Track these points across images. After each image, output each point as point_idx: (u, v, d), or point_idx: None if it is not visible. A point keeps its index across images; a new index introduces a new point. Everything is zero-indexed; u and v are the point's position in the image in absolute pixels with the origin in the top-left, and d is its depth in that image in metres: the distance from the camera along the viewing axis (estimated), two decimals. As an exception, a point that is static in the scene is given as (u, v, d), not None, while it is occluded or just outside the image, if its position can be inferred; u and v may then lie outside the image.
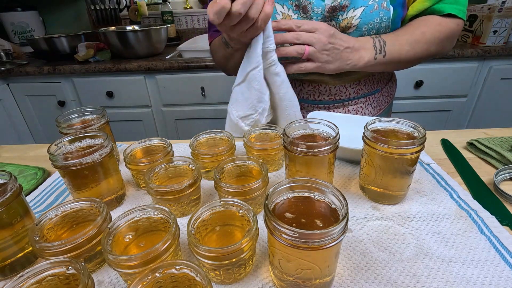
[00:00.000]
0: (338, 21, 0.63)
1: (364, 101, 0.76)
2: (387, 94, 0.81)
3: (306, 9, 0.63)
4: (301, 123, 0.51)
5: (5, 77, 1.57)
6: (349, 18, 0.62)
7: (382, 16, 0.62)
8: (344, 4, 0.61)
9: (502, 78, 1.49)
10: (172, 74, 1.51)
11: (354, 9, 0.62)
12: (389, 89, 0.82)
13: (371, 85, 0.76)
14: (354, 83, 0.73)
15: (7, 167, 0.63)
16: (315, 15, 0.63)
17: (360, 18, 0.62)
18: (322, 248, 0.28)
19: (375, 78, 0.76)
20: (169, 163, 0.51)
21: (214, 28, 0.76)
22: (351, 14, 0.62)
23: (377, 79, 0.77)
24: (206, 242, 0.37)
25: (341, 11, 0.62)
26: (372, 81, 0.76)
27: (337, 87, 0.73)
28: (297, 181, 0.35)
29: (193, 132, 0.61)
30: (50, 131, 1.74)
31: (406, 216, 0.46)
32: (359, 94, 0.75)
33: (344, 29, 0.64)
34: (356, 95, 0.75)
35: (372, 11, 0.61)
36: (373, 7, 0.61)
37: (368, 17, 0.62)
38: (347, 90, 0.73)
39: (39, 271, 0.30)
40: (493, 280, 0.35)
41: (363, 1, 0.61)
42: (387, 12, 0.62)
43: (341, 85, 0.72)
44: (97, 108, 0.61)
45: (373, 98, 0.78)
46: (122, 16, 2.01)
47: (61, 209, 0.40)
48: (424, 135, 0.43)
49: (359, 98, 0.75)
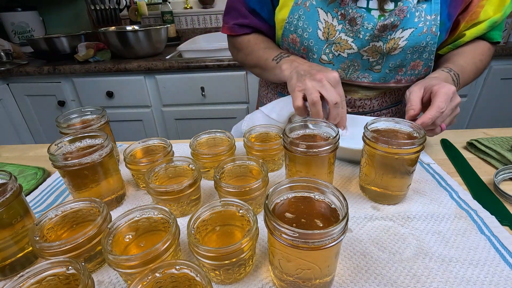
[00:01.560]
0: (385, 41, 0.61)
1: (386, 113, 0.75)
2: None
3: (354, 22, 0.59)
4: (301, 123, 0.51)
5: (5, 77, 1.56)
6: (396, 39, 0.60)
7: (428, 40, 0.60)
8: (396, 23, 0.58)
9: (502, 78, 1.49)
10: (172, 74, 1.51)
11: (403, 30, 0.59)
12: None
13: (396, 97, 0.75)
14: (380, 95, 0.71)
15: (7, 167, 0.63)
16: (364, 30, 0.59)
17: (407, 40, 0.60)
18: (322, 248, 0.28)
19: (401, 90, 0.75)
20: (169, 163, 0.51)
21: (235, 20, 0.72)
22: (398, 35, 0.60)
23: (403, 91, 0.75)
24: (206, 242, 0.37)
25: (391, 31, 0.59)
26: (397, 93, 0.74)
27: (363, 100, 0.71)
28: (297, 181, 0.35)
29: (193, 132, 0.61)
30: (50, 131, 1.74)
31: (406, 216, 0.46)
32: (383, 106, 0.73)
33: (389, 50, 0.62)
34: (380, 107, 0.73)
35: (420, 34, 0.60)
36: (422, 30, 0.59)
37: (415, 40, 0.60)
38: (372, 102, 0.72)
39: (39, 271, 0.30)
40: (493, 280, 0.35)
41: (413, 23, 0.59)
42: (434, 37, 0.60)
43: (367, 98, 0.71)
44: (97, 108, 0.61)
45: (395, 109, 0.76)
46: (122, 16, 2.01)
47: (61, 209, 0.40)
48: (424, 135, 0.43)
49: (382, 110, 0.74)
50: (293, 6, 0.63)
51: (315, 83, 0.54)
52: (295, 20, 0.64)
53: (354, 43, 0.62)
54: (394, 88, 0.70)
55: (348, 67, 0.66)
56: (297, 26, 0.64)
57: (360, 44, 0.61)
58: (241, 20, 0.71)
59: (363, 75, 0.67)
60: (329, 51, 0.64)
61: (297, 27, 0.64)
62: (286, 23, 0.65)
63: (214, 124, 1.63)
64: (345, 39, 0.62)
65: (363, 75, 0.67)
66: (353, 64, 0.65)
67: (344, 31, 0.61)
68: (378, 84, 0.68)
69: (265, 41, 0.72)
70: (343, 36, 0.62)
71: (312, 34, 0.63)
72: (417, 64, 0.65)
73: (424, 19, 0.59)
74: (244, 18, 0.71)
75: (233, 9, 0.72)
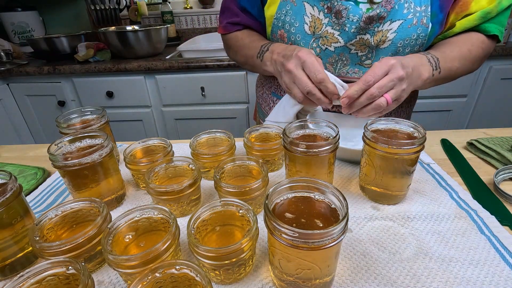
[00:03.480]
0: (372, 33, 0.59)
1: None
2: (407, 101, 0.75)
3: (340, 15, 0.58)
4: (301, 123, 0.51)
5: (5, 77, 1.56)
6: (384, 31, 0.58)
7: (419, 33, 0.59)
8: (382, 15, 0.57)
9: (502, 78, 1.49)
10: (172, 74, 1.51)
11: (391, 22, 0.58)
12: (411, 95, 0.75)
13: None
14: None
15: (7, 167, 0.63)
16: (349, 23, 0.58)
17: (397, 33, 0.58)
18: (322, 248, 0.28)
19: None
20: (169, 163, 0.51)
21: (228, 19, 0.74)
22: (387, 27, 0.58)
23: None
24: (206, 242, 0.37)
25: (378, 23, 0.58)
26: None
27: None
28: (297, 181, 0.35)
29: (193, 132, 0.61)
30: (50, 131, 1.74)
31: (406, 216, 0.46)
32: None
33: (378, 43, 0.60)
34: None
35: (410, 26, 0.58)
36: (412, 21, 0.58)
37: (405, 32, 0.58)
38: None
39: (39, 271, 0.30)
40: (493, 280, 0.35)
41: (402, 15, 0.57)
42: (425, 29, 0.59)
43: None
44: (97, 108, 0.61)
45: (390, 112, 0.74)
46: (122, 16, 2.01)
47: (61, 209, 0.40)
48: (424, 135, 0.43)
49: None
50: (281, 2, 0.64)
51: (288, 78, 0.55)
52: (282, 16, 0.64)
53: (341, 36, 0.61)
54: None
55: (336, 62, 0.65)
56: (285, 22, 0.64)
57: (346, 37, 0.60)
58: (233, 18, 0.73)
59: (353, 71, 0.65)
60: (316, 45, 0.64)
61: (285, 22, 0.64)
62: (274, 19, 0.66)
63: (214, 124, 1.63)
64: (332, 33, 0.61)
65: (353, 70, 0.65)
66: (341, 58, 0.64)
67: (331, 24, 0.60)
68: None
69: (250, 35, 0.73)
70: (329, 29, 0.61)
71: (299, 29, 0.63)
72: None
73: (414, 11, 0.57)
74: (236, 16, 0.73)
75: (226, 9, 0.75)
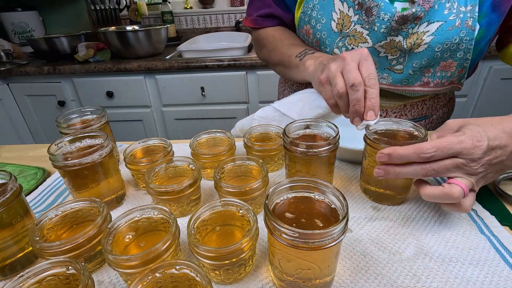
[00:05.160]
0: (405, 35, 0.52)
1: None
2: (437, 122, 0.67)
3: (370, 12, 0.53)
4: (301, 123, 0.51)
5: (5, 77, 1.57)
6: (420, 33, 0.51)
7: (463, 36, 0.51)
8: (419, 15, 0.50)
9: (502, 78, 1.48)
10: (172, 74, 1.51)
11: (428, 23, 0.51)
12: (442, 115, 0.67)
13: (418, 111, 0.65)
14: (399, 108, 0.63)
15: (7, 167, 0.63)
16: (379, 22, 0.52)
17: (434, 35, 0.51)
18: (322, 248, 0.28)
19: (425, 104, 0.64)
20: (169, 163, 0.51)
21: (258, 11, 0.68)
22: (423, 29, 0.51)
23: (428, 105, 0.65)
24: (206, 242, 0.37)
25: (412, 24, 0.51)
26: (420, 107, 0.64)
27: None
28: (297, 181, 0.35)
29: (193, 132, 0.61)
30: (50, 131, 1.74)
31: (406, 216, 0.45)
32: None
33: (412, 46, 0.53)
34: None
35: (451, 28, 0.50)
36: (454, 23, 0.50)
37: (445, 35, 0.51)
38: (388, 115, 0.64)
39: (39, 271, 0.30)
40: (493, 280, 0.35)
41: (442, 16, 0.50)
42: (470, 32, 0.50)
43: (382, 110, 0.62)
44: (97, 108, 0.61)
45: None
46: (122, 16, 2.01)
47: (61, 209, 0.40)
48: (425, 135, 0.43)
49: None
50: None
51: (338, 64, 0.45)
52: (309, 10, 0.60)
53: (369, 36, 0.55)
54: (416, 97, 0.60)
55: None
56: (311, 17, 0.60)
57: (375, 38, 0.55)
58: (264, 10, 0.67)
59: (381, 76, 0.59)
60: (342, 44, 0.59)
61: (311, 17, 0.60)
62: (301, 13, 0.61)
63: (214, 124, 1.63)
64: (360, 32, 0.56)
65: (381, 75, 0.59)
66: None
67: (360, 22, 0.55)
68: (400, 87, 0.59)
69: (291, 36, 0.67)
70: (358, 28, 0.56)
71: (326, 26, 0.58)
72: (449, 64, 0.55)
73: (457, 11, 0.50)
74: (267, 7, 0.67)
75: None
